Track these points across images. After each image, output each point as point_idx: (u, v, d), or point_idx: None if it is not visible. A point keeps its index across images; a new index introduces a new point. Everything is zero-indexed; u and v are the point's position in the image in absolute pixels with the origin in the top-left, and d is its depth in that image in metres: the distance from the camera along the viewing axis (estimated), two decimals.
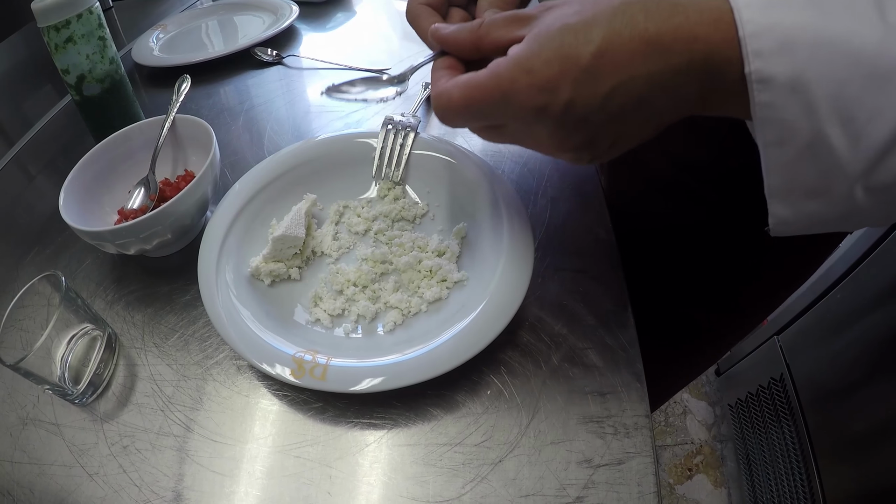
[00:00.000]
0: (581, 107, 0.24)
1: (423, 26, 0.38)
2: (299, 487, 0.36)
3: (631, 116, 0.25)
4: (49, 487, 0.37)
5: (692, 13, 0.22)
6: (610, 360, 0.41)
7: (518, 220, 0.44)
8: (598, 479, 0.35)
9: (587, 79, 0.24)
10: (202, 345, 0.44)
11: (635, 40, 0.23)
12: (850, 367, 0.93)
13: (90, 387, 0.41)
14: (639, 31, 0.23)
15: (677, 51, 0.22)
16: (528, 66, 0.25)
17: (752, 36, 0.21)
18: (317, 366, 0.38)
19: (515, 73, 0.25)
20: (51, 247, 0.54)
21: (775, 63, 0.21)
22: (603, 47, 0.23)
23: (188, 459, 0.38)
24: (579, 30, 0.24)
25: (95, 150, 0.52)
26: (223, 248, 0.46)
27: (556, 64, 0.24)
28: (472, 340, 0.38)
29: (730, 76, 0.22)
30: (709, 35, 0.22)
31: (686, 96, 0.24)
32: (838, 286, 0.96)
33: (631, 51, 0.23)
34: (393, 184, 0.52)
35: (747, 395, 1.22)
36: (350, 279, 0.46)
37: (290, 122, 0.68)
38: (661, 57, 0.23)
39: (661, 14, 0.23)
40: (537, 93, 0.24)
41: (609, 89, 0.23)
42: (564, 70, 0.24)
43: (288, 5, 0.89)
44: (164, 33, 0.88)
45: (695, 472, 1.30)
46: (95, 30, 0.57)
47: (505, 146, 0.60)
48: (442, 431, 0.38)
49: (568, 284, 0.46)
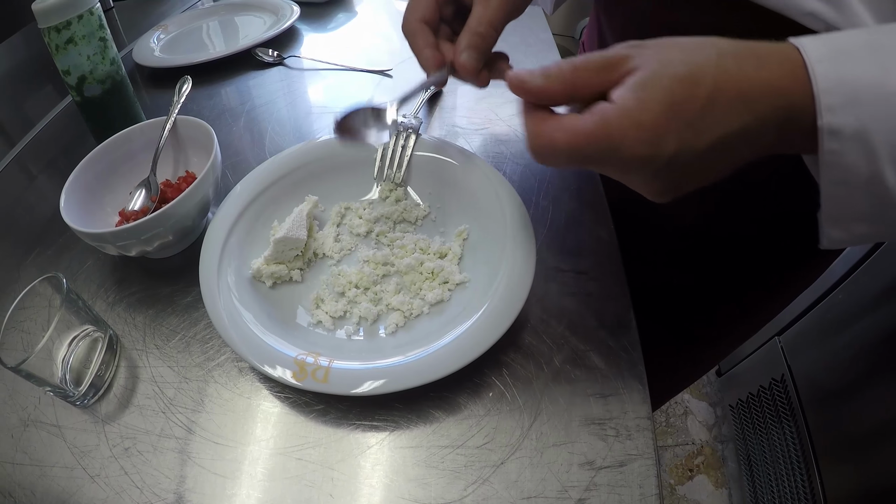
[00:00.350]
0: (682, 159, 0.25)
1: (418, 44, 0.40)
2: (301, 490, 0.36)
3: (719, 163, 0.27)
4: (50, 489, 0.37)
5: (774, 67, 0.25)
6: (612, 362, 0.41)
7: (520, 222, 0.44)
8: (600, 481, 0.35)
9: (692, 134, 0.25)
10: (203, 347, 0.44)
11: (732, 96, 0.24)
12: (851, 368, 0.93)
13: (91, 388, 0.41)
14: (735, 86, 0.24)
15: (763, 103, 0.24)
16: (637, 119, 0.25)
17: (825, 92, 0.24)
18: (319, 368, 0.38)
19: (625, 125, 0.25)
20: (52, 248, 0.54)
21: (843, 116, 0.24)
22: (708, 104, 0.24)
23: (190, 461, 0.38)
24: (686, 82, 0.25)
25: (96, 152, 0.52)
26: (225, 249, 0.46)
27: (665, 118, 0.25)
28: (475, 343, 0.38)
29: (803, 124, 0.25)
30: (789, 88, 0.24)
31: (765, 142, 0.26)
32: (839, 287, 0.96)
33: (729, 107, 0.24)
34: (395, 185, 0.52)
35: (748, 396, 1.22)
36: (352, 281, 0.46)
37: (292, 123, 0.68)
38: (751, 110, 0.25)
39: (750, 68, 0.25)
40: (645, 147, 0.25)
41: (709, 144, 0.25)
42: (673, 123, 0.25)
43: (289, 6, 0.89)
44: (165, 34, 0.88)
45: (696, 473, 1.30)
46: (96, 31, 0.57)
47: (506, 148, 0.60)
48: (444, 433, 0.38)
49: (570, 286, 0.46)
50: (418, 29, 0.40)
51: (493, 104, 0.67)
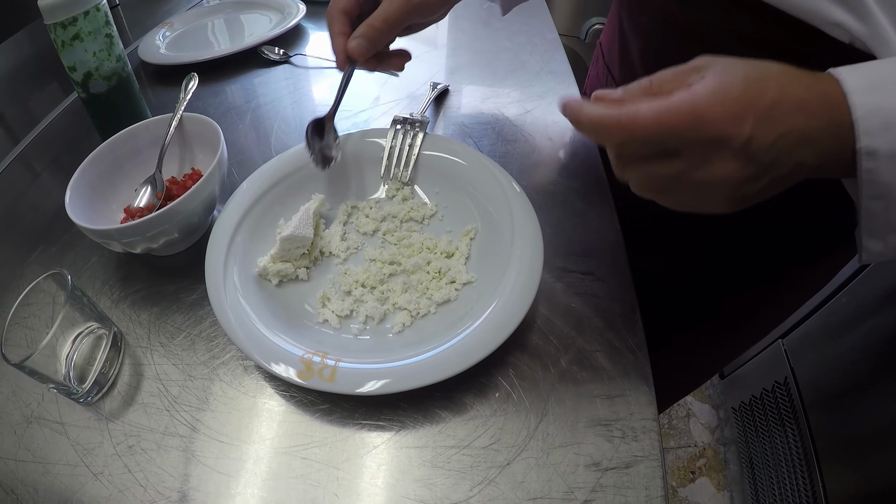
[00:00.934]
0: (756, 144, 0.27)
1: (334, 30, 0.46)
2: (306, 489, 0.36)
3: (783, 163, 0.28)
4: (53, 486, 0.37)
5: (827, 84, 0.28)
6: (618, 364, 0.41)
7: (527, 222, 0.44)
8: (606, 483, 0.35)
9: (765, 120, 0.27)
10: (209, 344, 0.44)
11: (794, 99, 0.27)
12: (854, 371, 0.93)
13: (95, 386, 0.41)
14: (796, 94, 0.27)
15: (819, 113, 0.27)
16: (721, 98, 0.27)
17: (862, 118, 0.26)
18: (325, 367, 0.38)
19: (711, 101, 0.27)
20: (56, 245, 0.54)
21: (879, 139, 0.26)
22: (777, 98, 0.27)
23: (194, 460, 0.38)
24: (759, 79, 0.27)
25: (102, 148, 0.52)
26: (230, 247, 0.46)
27: (743, 102, 0.27)
28: (481, 343, 0.38)
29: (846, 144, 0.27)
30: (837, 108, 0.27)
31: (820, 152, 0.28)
32: (843, 290, 0.96)
33: (792, 108, 0.27)
34: (402, 184, 0.52)
35: (751, 399, 1.22)
36: (358, 280, 0.45)
37: (297, 120, 0.68)
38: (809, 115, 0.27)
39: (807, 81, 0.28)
40: (728, 123, 0.27)
41: (778, 135, 0.27)
42: (750, 108, 0.27)
43: (295, 4, 0.89)
44: (171, 31, 0.88)
45: (698, 475, 1.29)
46: (102, 27, 0.57)
47: (513, 147, 0.59)
48: (450, 434, 0.38)
49: (576, 286, 0.45)
50: (336, 17, 0.46)
51: (500, 103, 0.66)
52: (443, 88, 0.69)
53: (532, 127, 0.63)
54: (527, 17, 0.84)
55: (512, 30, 0.82)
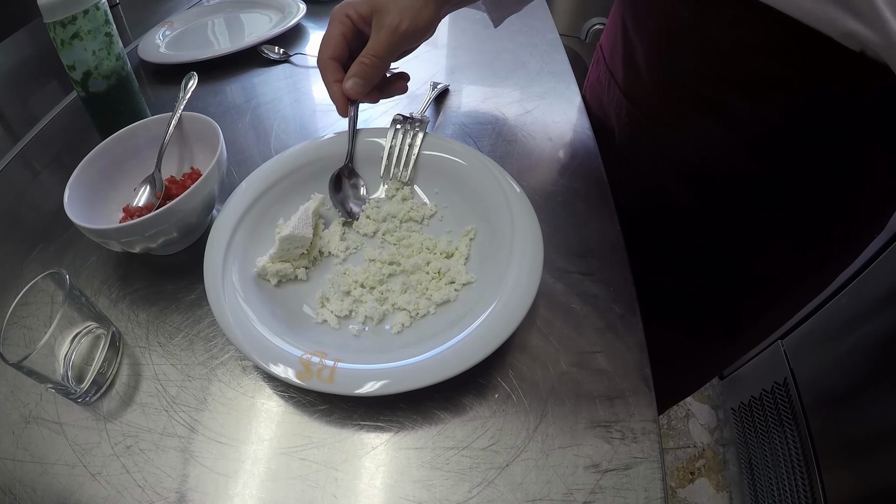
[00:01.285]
0: None
1: (328, 79, 0.48)
2: (304, 490, 0.36)
3: None
4: (51, 486, 0.37)
5: None
6: (618, 365, 0.40)
7: (527, 222, 0.44)
8: (606, 484, 0.35)
9: None
10: (207, 345, 0.44)
11: None
12: (854, 372, 0.93)
13: (93, 386, 0.41)
14: None
15: None
16: None
17: None
18: (324, 368, 0.38)
19: None
20: (55, 244, 0.54)
21: None
22: None
23: (192, 460, 0.38)
24: None
25: (101, 147, 0.52)
26: (229, 247, 0.45)
27: None
28: (481, 344, 0.37)
29: None
30: None
31: None
32: (843, 291, 0.96)
33: None
34: (401, 184, 0.52)
35: (750, 399, 1.22)
36: (357, 280, 0.45)
37: (297, 120, 0.68)
38: None
39: None
40: None
41: None
42: None
43: (295, 3, 0.89)
44: (171, 30, 0.88)
45: (697, 476, 1.30)
46: (102, 26, 0.57)
47: (513, 147, 0.59)
48: (449, 435, 0.38)
49: (576, 287, 0.45)
50: (328, 65, 0.48)
51: (500, 103, 0.66)
52: (443, 88, 0.68)
53: (532, 127, 0.63)
54: (527, 18, 0.84)
55: (512, 30, 0.82)
